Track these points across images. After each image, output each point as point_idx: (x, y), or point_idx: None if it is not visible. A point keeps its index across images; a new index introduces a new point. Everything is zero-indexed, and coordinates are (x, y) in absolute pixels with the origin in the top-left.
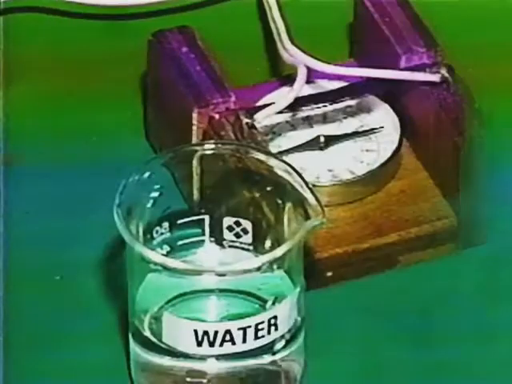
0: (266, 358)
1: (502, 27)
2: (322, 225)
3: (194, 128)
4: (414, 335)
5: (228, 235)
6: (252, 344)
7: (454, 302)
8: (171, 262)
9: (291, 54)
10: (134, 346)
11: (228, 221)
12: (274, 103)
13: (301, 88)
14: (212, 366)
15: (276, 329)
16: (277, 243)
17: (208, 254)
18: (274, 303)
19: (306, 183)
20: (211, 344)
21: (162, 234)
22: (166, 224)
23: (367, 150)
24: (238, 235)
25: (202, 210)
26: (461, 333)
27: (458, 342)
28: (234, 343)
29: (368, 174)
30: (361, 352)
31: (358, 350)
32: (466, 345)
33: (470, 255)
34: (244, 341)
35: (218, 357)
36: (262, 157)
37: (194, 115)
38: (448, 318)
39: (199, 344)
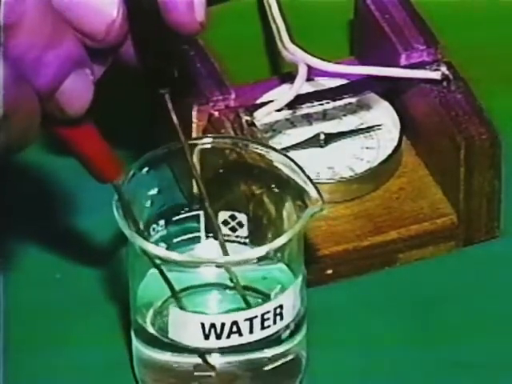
0: (273, 350)
1: (502, 25)
2: (322, 211)
3: (194, 125)
4: (414, 332)
5: (223, 229)
6: (259, 334)
7: (454, 299)
8: (174, 255)
9: (291, 52)
10: (136, 343)
11: (223, 215)
12: (273, 101)
13: (301, 86)
14: (219, 359)
15: (281, 318)
16: (277, 236)
17: (205, 250)
18: (279, 293)
19: (305, 173)
20: (218, 336)
21: (158, 231)
22: (162, 221)
23: (367, 148)
24: (233, 229)
25: (198, 206)
26: (461, 330)
27: (457, 338)
28: (241, 334)
29: (368, 171)
30: (361, 348)
31: (358, 347)
32: (466, 342)
33: (470, 253)
34: (251, 331)
35: (226, 349)
36: (260, 150)
37: (194, 112)
38: (448, 315)
39: (206, 337)
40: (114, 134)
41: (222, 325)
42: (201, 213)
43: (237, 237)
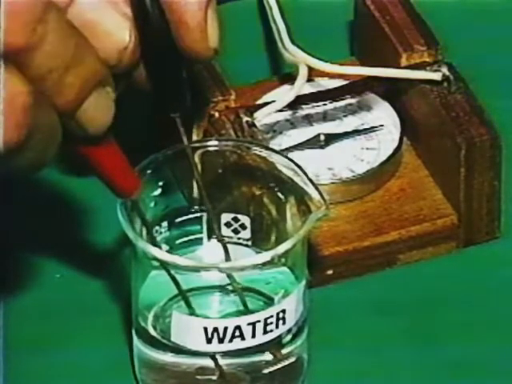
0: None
1: (502, 25)
2: (326, 216)
3: (194, 126)
4: (415, 333)
5: (226, 231)
6: (261, 339)
7: (454, 300)
8: (178, 260)
9: (291, 53)
10: (137, 344)
11: (226, 217)
12: (274, 101)
13: (301, 86)
14: (221, 363)
15: (284, 322)
16: (280, 238)
17: (207, 251)
18: (282, 297)
19: (307, 176)
20: (221, 340)
21: (161, 233)
22: (165, 223)
23: (367, 149)
24: (236, 231)
25: (201, 208)
26: (461, 330)
27: (458, 339)
28: (243, 339)
29: (368, 172)
30: (361, 349)
31: (359, 347)
32: (466, 343)
33: (470, 254)
34: (253, 336)
35: (228, 353)
36: (263, 153)
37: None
38: (448, 315)
39: (209, 341)
40: (116, 136)
41: (225, 329)
42: (203, 215)
43: (239, 239)
